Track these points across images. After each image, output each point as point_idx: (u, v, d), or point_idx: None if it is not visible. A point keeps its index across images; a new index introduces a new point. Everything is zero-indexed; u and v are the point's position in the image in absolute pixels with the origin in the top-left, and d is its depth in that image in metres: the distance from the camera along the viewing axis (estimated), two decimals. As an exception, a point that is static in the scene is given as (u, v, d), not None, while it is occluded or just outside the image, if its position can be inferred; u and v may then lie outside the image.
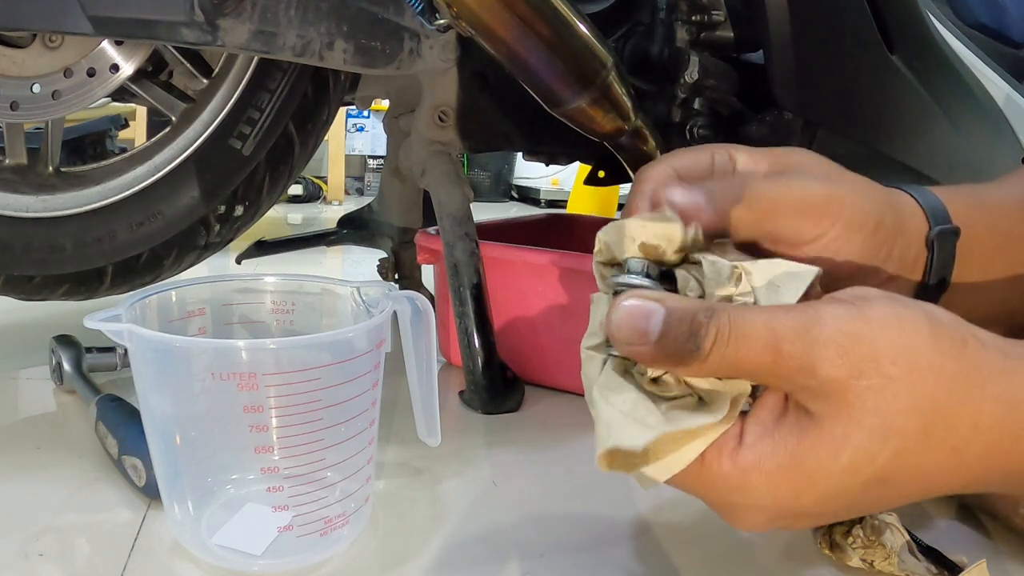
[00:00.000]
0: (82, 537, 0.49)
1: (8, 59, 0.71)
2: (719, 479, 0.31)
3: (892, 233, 0.39)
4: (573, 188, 2.30)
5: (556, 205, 3.20)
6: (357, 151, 3.68)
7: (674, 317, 0.30)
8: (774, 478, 0.31)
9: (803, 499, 0.31)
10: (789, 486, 0.31)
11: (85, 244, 0.78)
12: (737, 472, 0.31)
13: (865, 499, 0.32)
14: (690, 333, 0.30)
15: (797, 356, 0.29)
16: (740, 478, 0.31)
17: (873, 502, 0.32)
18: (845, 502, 0.32)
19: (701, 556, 0.50)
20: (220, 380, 0.43)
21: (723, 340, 0.30)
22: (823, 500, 0.31)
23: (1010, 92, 0.92)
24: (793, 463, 0.30)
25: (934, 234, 0.40)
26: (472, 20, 0.63)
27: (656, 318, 0.30)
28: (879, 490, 0.31)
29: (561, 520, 0.54)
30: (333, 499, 0.46)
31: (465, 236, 0.78)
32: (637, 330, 0.30)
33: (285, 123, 0.80)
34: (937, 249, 0.40)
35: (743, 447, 0.31)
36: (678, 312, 0.30)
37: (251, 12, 0.66)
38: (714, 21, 0.85)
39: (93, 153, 1.99)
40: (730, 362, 0.30)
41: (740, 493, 0.31)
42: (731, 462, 0.31)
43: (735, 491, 0.31)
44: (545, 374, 0.81)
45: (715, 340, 0.30)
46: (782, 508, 0.32)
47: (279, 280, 0.55)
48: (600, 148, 0.77)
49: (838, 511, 0.32)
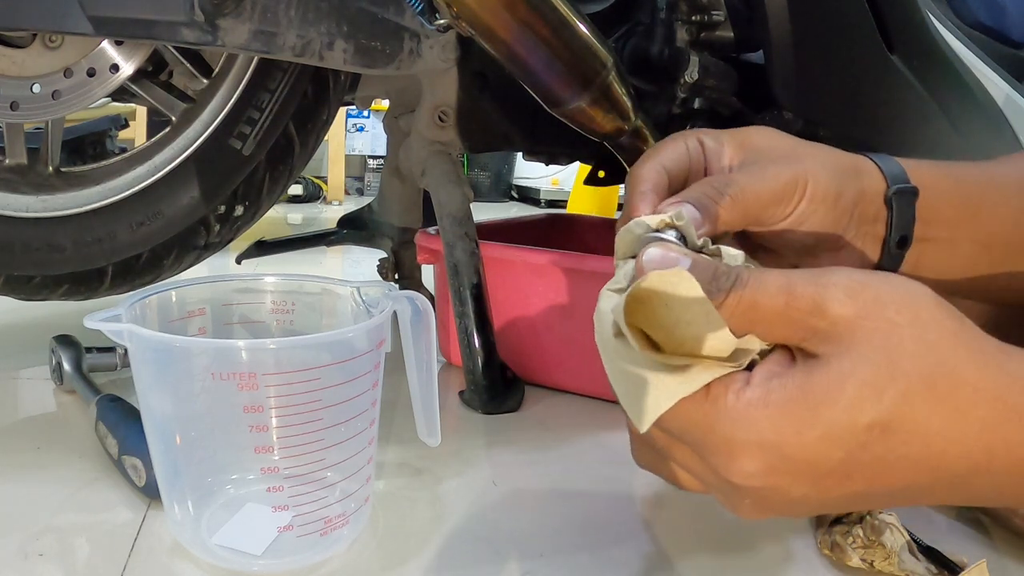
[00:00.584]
0: (82, 537, 0.49)
1: (8, 59, 0.71)
2: (722, 412, 0.31)
3: (852, 201, 0.41)
4: (573, 188, 2.30)
5: (556, 205, 3.20)
6: (357, 151, 3.68)
7: (700, 263, 0.32)
8: (778, 410, 0.31)
9: (805, 437, 0.30)
10: (792, 418, 0.30)
11: (85, 244, 0.78)
12: (741, 405, 0.31)
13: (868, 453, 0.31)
14: (713, 276, 0.32)
15: (809, 296, 0.31)
16: (744, 411, 0.31)
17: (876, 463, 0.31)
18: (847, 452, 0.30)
19: (701, 556, 0.50)
20: (220, 380, 0.43)
21: (742, 283, 0.31)
22: (825, 442, 0.30)
23: (1010, 92, 0.92)
24: (798, 395, 0.31)
25: (892, 192, 0.42)
26: (472, 20, 0.63)
27: (684, 262, 0.32)
28: (882, 441, 0.30)
29: (561, 520, 0.54)
30: (333, 499, 0.46)
31: (465, 236, 0.78)
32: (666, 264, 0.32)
33: (285, 123, 0.80)
34: (896, 207, 0.42)
35: (750, 385, 0.31)
36: (704, 260, 0.33)
37: (251, 12, 0.66)
38: (714, 21, 0.85)
39: (93, 153, 1.99)
40: (746, 305, 0.31)
41: (742, 426, 0.31)
42: (736, 397, 0.31)
43: (736, 424, 0.31)
44: (545, 374, 0.81)
45: (735, 282, 0.31)
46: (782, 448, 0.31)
47: (279, 280, 0.55)
48: (600, 148, 0.77)
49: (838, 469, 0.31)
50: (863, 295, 0.31)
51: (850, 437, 0.30)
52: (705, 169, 0.42)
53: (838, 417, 0.30)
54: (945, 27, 0.92)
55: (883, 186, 0.42)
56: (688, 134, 0.42)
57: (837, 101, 0.87)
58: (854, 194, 0.41)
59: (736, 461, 0.31)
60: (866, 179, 0.42)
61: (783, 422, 0.30)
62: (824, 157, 0.41)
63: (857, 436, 0.30)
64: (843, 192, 0.41)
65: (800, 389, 0.31)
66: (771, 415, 0.30)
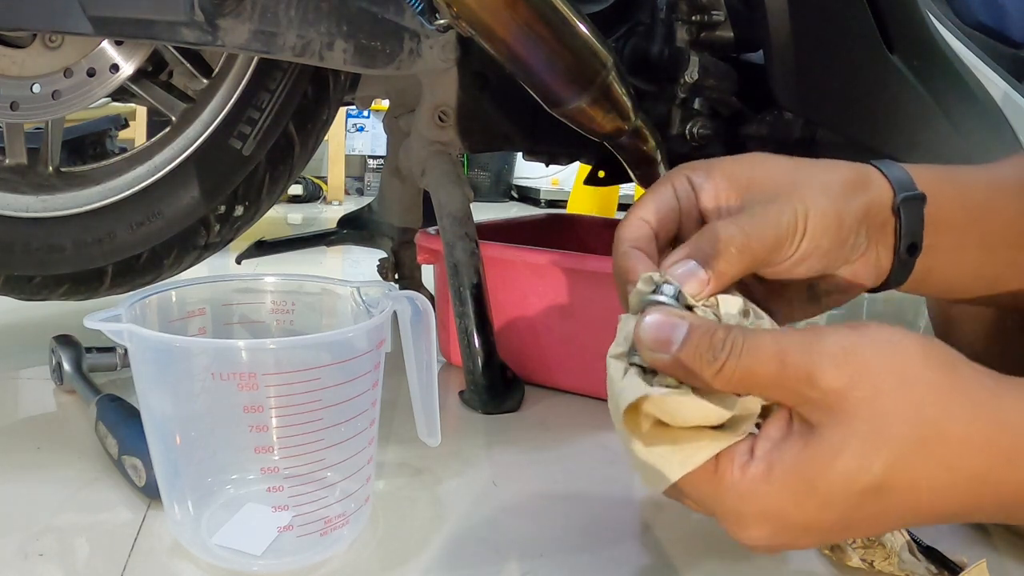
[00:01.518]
0: (82, 537, 0.49)
1: (8, 59, 0.71)
2: (730, 487, 0.33)
3: (856, 220, 0.41)
4: (573, 188, 2.30)
5: (556, 205, 3.20)
6: (357, 151, 3.68)
7: (696, 332, 0.33)
8: (778, 485, 0.32)
9: (805, 507, 0.32)
10: (791, 492, 0.32)
11: (85, 244, 0.78)
12: (746, 481, 0.33)
13: (863, 512, 0.33)
14: (709, 346, 0.33)
15: (800, 366, 0.32)
16: (748, 487, 0.33)
17: (871, 518, 0.33)
18: (843, 513, 0.33)
19: (701, 556, 0.50)
20: (220, 380, 0.43)
21: (736, 351, 0.32)
22: (823, 509, 0.32)
23: (1009, 92, 0.92)
24: (795, 469, 0.32)
25: (899, 200, 0.41)
26: (472, 20, 0.63)
27: (680, 330, 0.33)
28: (876, 502, 0.32)
29: (561, 520, 0.54)
30: (333, 499, 0.46)
31: (465, 236, 0.78)
32: (662, 339, 0.33)
33: (285, 123, 0.80)
34: (904, 215, 0.42)
35: (754, 459, 0.33)
36: (700, 328, 0.33)
37: (251, 12, 0.66)
38: (714, 21, 0.85)
39: (93, 153, 1.99)
40: (742, 373, 0.33)
41: (747, 501, 0.33)
42: (741, 472, 0.33)
43: (743, 499, 0.33)
44: (545, 374, 0.81)
45: (729, 352, 0.32)
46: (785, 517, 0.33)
47: (279, 280, 0.55)
48: (600, 148, 0.77)
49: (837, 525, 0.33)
50: (851, 364, 0.32)
51: (844, 503, 0.32)
52: (699, 208, 0.41)
53: (832, 488, 0.32)
54: (945, 27, 0.92)
55: (890, 195, 0.42)
56: (676, 175, 0.42)
57: (837, 101, 0.87)
58: (859, 210, 0.40)
59: (744, 529, 0.34)
60: (872, 191, 0.41)
61: (783, 497, 0.32)
62: (824, 180, 0.40)
63: (850, 501, 0.32)
64: (845, 216, 0.40)
65: (796, 464, 0.32)
66: (772, 491, 0.32)
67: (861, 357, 0.32)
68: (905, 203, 0.41)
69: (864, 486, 0.32)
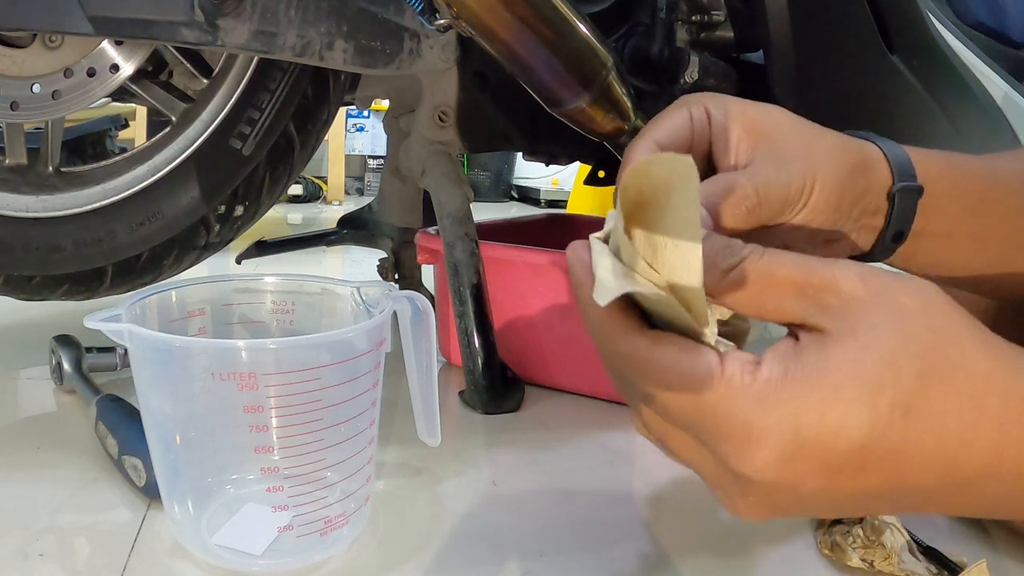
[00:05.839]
0: (82, 537, 0.49)
1: (8, 59, 0.71)
2: (739, 392, 0.29)
3: (852, 202, 0.41)
4: (573, 188, 2.30)
5: (556, 205, 3.20)
6: (357, 151, 3.67)
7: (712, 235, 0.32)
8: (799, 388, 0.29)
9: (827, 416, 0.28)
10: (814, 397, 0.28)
11: (85, 244, 0.78)
12: (759, 385, 0.29)
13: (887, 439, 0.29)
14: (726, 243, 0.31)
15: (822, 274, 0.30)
16: (762, 391, 0.29)
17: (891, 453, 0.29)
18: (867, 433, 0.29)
19: (701, 556, 0.50)
20: (220, 380, 0.43)
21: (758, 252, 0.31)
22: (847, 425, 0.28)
23: (1009, 92, 0.92)
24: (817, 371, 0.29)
25: (896, 189, 0.41)
26: (472, 20, 0.63)
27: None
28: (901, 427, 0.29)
29: (561, 520, 0.54)
30: (333, 499, 0.46)
31: (465, 236, 0.78)
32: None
33: (285, 123, 0.80)
34: (897, 204, 0.42)
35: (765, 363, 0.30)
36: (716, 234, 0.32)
37: (251, 12, 0.66)
38: (714, 21, 0.85)
39: (93, 153, 1.99)
40: (762, 271, 0.30)
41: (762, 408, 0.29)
42: (752, 377, 0.29)
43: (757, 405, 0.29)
44: (545, 374, 0.81)
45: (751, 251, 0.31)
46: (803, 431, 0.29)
47: (279, 280, 0.55)
48: (600, 148, 0.77)
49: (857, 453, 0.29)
50: (875, 281, 0.30)
51: (872, 417, 0.28)
52: (710, 143, 0.40)
53: (860, 395, 0.28)
54: (945, 27, 0.92)
55: (889, 181, 0.42)
56: (693, 102, 0.40)
57: (837, 101, 0.87)
58: (858, 193, 0.41)
59: (751, 448, 0.29)
60: (873, 174, 0.41)
61: (804, 402, 0.28)
62: (835, 153, 0.40)
63: (879, 417, 0.28)
64: (845, 195, 0.40)
65: (818, 365, 0.29)
66: (792, 395, 0.28)
67: (885, 278, 0.30)
68: (901, 192, 0.42)
69: (892, 399, 0.28)
